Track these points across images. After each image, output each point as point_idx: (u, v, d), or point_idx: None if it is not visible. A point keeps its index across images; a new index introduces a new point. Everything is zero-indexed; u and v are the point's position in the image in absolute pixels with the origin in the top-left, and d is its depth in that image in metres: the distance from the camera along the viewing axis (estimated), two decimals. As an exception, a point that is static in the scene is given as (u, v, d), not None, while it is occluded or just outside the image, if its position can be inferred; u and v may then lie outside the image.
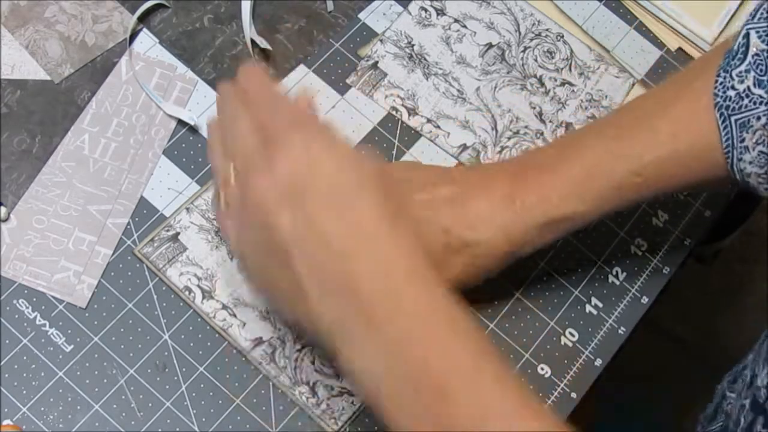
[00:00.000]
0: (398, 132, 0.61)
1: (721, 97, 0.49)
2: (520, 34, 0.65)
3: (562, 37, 0.65)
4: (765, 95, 0.48)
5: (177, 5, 0.62)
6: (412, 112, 0.62)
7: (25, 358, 0.52)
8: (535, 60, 0.64)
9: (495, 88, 0.63)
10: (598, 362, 0.57)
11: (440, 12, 0.65)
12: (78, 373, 0.52)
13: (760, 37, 0.49)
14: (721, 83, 0.50)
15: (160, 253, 0.55)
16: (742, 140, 0.49)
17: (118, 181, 0.57)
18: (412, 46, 0.64)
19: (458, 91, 0.63)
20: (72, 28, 0.60)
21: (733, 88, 0.49)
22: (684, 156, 0.50)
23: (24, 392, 0.52)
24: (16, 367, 0.52)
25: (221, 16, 0.62)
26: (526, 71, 0.64)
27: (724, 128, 0.49)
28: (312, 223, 0.42)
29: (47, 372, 0.52)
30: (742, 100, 0.49)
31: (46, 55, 0.59)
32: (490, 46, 0.64)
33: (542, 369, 0.57)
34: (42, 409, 0.51)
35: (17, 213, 0.55)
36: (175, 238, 0.56)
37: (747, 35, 0.49)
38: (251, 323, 0.54)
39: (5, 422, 0.50)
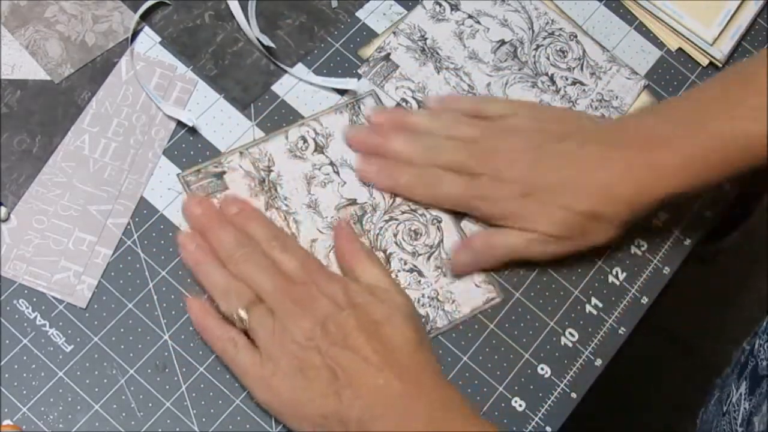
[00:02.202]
0: (398, 132, 0.61)
1: None
2: (533, 32, 0.65)
3: (575, 36, 0.65)
4: None
5: (178, 3, 0.62)
6: (422, 104, 0.62)
7: (25, 358, 0.52)
8: (547, 58, 0.64)
9: (506, 84, 0.63)
10: (598, 362, 0.57)
11: (454, 7, 0.65)
12: (78, 373, 0.52)
13: None
14: None
15: (201, 185, 0.57)
16: None
17: (118, 181, 0.57)
18: (425, 39, 0.64)
19: (469, 86, 0.63)
20: (72, 28, 0.60)
21: None
22: None
23: (24, 392, 0.52)
24: (16, 367, 0.52)
25: (222, 13, 0.62)
26: (538, 69, 0.64)
27: None
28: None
29: (47, 372, 0.52)
30: None
31: (46, 55, 0.59)
32: (502, 42, 0.64)
33: (542, 369, 0.57)
34: (42, 409, 0.51)
35: (17, 213, 0.55)
36: (220, 175, 0.57)
37: None
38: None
39: (5, 422, 0.51)
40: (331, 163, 0.58)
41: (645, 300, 0.59)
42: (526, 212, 0.55)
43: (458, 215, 0.59)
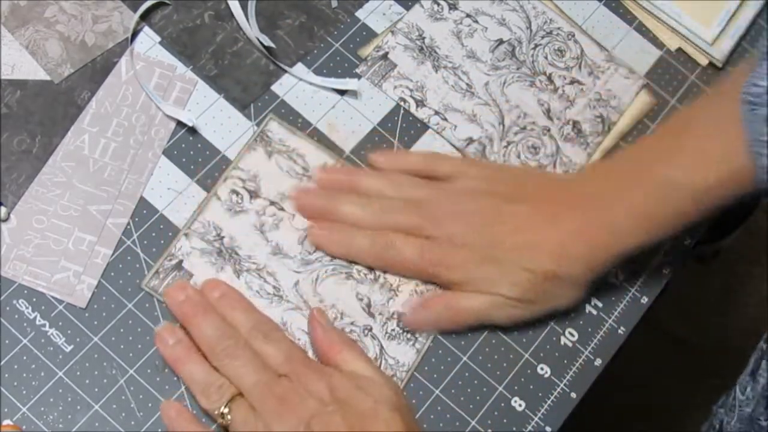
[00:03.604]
0: (398, 131, 0.61)
1: (746, 94, 0.50)
2: (531, 31, 0.65)
3: (573, 36, 0.65)
4: None
5: (178, 3, 0.62)
6: (420, 103, 0.62)
7: (25, 358, 0.52)
8: (545, 57, 0.64)
9: (504, 83, 0.63)
10: (598, 362, 0.57)
11: (452, 6, 0.65)
12: (78, 373, 0.52)
13: None
14: (748, 82, 0.50)
15: (167, 284, 0.55)
16: (764, 134, 0.49)
17: (118, 181, 0.57)
18: (423, 38, 0.64)
19: (467, 84, 0.63)
20: (72, 28, 0.60)
21: (756, 85, 0.50)
22: (726, 178, 0.52)
23: (24, 392, 0.52)
24: (16, 367, 0.52)
25: (222, 13, 0.62)
26: (536, 68, 0.64)
27: (749, 124, 0.50)
28: None
29: (47, 372, 0.52)
30: (765, 95, 0.49)
31: (46, 55, 0.59)
32: (500, 42, 0.64)
33: (542, 369, 0.57)
34: (42, 409, 0.51)
35: (17, 213, 0.55)
36: (179, 266, 0.55)
37: None
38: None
39: (5, 422, 0.51)
40: (272, 203, 0.57)
41: (645, 300, 0.59)
42: (486, 276, 0.54)
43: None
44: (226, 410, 0.50)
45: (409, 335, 0.55)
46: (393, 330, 0.55)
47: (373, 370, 0.52)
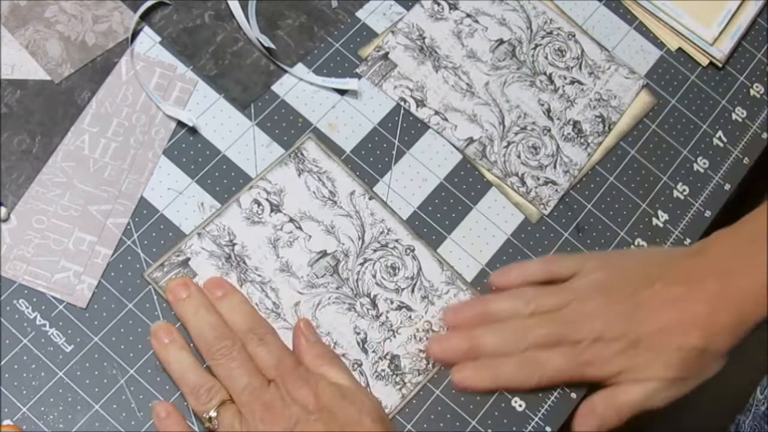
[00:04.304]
0: (398, 132, 0.61)
1: None
2: (531, 31, 0.65)
3: (574, 36, 0.65)
4: None
5: (178, 3, 0.62)
6: (420, 103, 0.62)
7: (25, 358, 0.52)
8: (546, 57, 0.64)
9: (504, 83, 0.63)
10: (599, 362, 0.57)
11: (453, 6, 0.65)
12: (78, 373, 0.52)
13: None
14: None
15: (169, 278, 0.55)
16: None
17: (118, 181, 0.57)
18: (424, 38, 0.64)
19: (467, 84, 0.63)
20: (72, 28, 0.60)
21: None
22: None
23: (24, 392, 0.52)
24: (16, 367, 0.52)
25: (222, 13, 0.62)
26: (536, 68, 0.64)
27: None
28: None
29: (47, 372, 0.52)
30: None
31: (46, 55, 0.59)
32: (501, 42, 0.64)
33: (542, 369, 0.57)
34: (42, 409, 0.51)
35: (17, 213, 0.55)
36: (185, 263, 0.55)
37: None
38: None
39: (5, 422, 0.50)
40: (291, 220, 0.57)
41: (645, 300, 0.59)
42: (638, 363, 0.54)
43: (431, 243, 0.58)
44: (214, 414, 0.50)
45: (397, 378, 0.55)
46: (383, 370, 0.55)
47: (355, 384, 0.53)
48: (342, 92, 0.62)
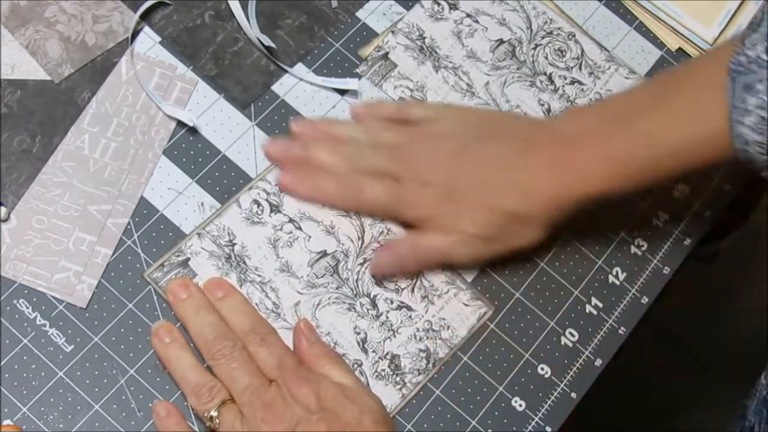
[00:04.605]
0: (398, 132, 0.61)
1: (733, 62, 0.50)
2: (531, 31, 0.65)
3: (574, 36, 0.65)
4: None
5: (178, 3, 0.62)
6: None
7: (25, 358, 0.52)
8: (546, 58, 0.64)
9: (504, 83, 0.63)
10: (598, 362, 0.57)
11: (453, 6, 0.65)
12: (78, 373, 0.52)
13: None
14: (736, 52, 0.50)
15: (169, 279, 0.55)
16: (744, 101, 0.49)
17: (118, 181, 0.57)
18: (424, 38, 0.64)
19: (467, 84, 0.63)
20: (72, 28, 0.60)
21: (744, 54, 0.50)
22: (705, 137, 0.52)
23: (24, 392, 0.52)
24: (16, 367, 0.52)
25: (222, 13, 0.62)
26: (536, 68, 0.64)
27: (731, 91, 0.50)
28: None
29: (47, 372, 0.52)
30: (751, 64, 0.49)
31: (46, 55, 0.59)
32: (501, 42, 0.64)
33: (542, 369, 0.57)
34: (42, 409, 0.51)
35: (17, 213, 0.55)
36: (185, 263, 0.55)
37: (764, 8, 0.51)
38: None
39: (5, 422, 0.51)
40: (291, 220, 0.57)
41: (645, 300, 0.59)
42: (449, 214, 0.55)
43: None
44: (215, 413, 0.50)
45: (398, 378, 0.55)
46: (383, 370, 0.55)
47: (358, 384, 0.52)
48: (342, 92, 0.62)
